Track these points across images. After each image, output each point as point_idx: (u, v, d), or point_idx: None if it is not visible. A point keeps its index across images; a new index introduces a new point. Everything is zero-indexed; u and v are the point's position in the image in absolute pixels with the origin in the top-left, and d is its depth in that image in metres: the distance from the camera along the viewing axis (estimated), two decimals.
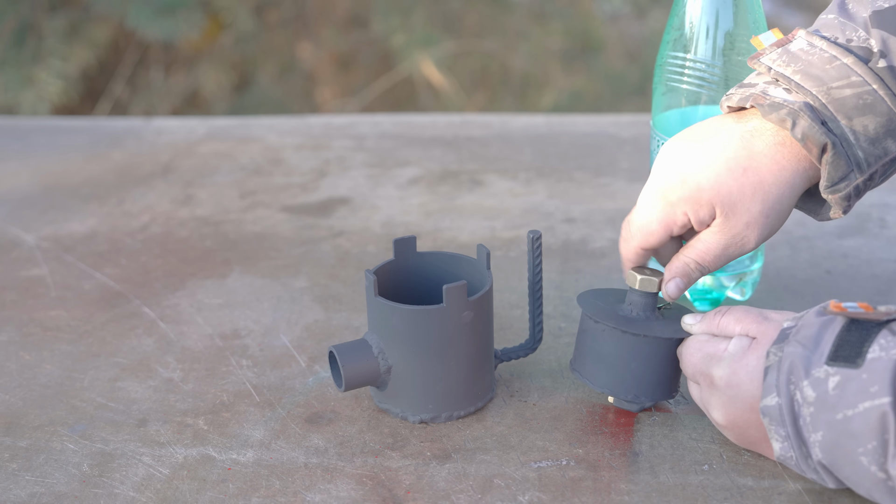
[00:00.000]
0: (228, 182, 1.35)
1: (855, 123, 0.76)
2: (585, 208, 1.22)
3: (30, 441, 0.84)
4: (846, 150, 0.76)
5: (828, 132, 0.75)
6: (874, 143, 0.76)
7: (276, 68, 2.96)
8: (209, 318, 1.01)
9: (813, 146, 0.76)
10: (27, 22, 2.43)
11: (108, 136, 1.54)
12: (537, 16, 2.92)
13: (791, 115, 0.76)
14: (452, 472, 0.78)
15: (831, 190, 0.77)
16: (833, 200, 0.78)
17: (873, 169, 0.78)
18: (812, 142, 0.75)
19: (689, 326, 0.80)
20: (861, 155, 0.77)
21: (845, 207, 0.79)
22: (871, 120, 0.76)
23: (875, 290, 1.01)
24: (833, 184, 0.77)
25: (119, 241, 1.19)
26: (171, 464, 0.81)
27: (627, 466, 0.78)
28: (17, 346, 0.98)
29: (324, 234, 1.19)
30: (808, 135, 0.75)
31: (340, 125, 1.55)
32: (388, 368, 0.83)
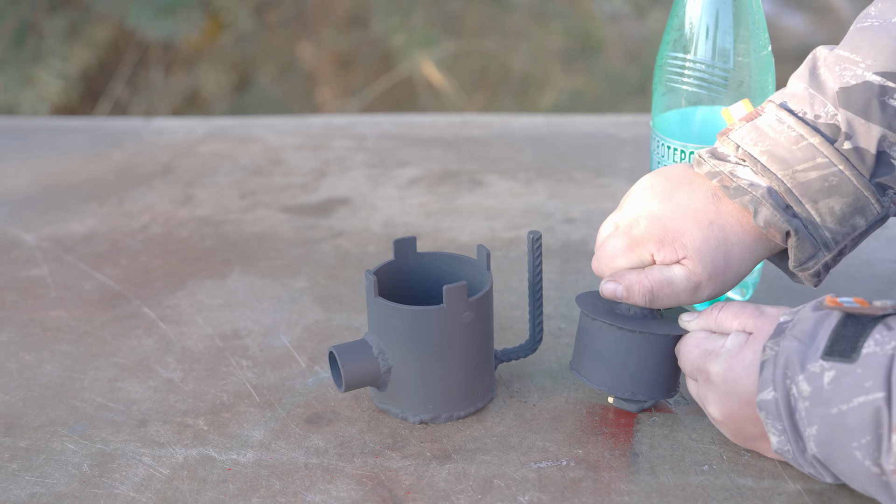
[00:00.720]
0: (228, 182, 1.35)
1: (821, 206, 0.76)
2: (585, 209, 1.22)
3: (30, 441, 0.84)
4: (811, 233, 0.77)
5: (791, 218, 0.76)
6: (841, 222, 0.77)
7: (276, 68, 2.96)
8: (209, 319, 1.01)
9: (776, 233, 0.77)
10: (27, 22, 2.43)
11: (108, 136, 1.54)
12: (537, 16, 2.92)
13: (753, 204, 0.76)
14: (452, 472, 0.78)
15: (800, 269, 0.79)
16: (804, 278, 0.80)
17: (842, 245, 0.79)
18: (775, 229, 0.77)
19: (686, 323, 0.80)
20: (828, 235, 0.77)
21: (816, 283, 0.80)
22: (837, 201, 0.76)
23: (875, 290, 1.01)
24: (801, 263, 0.78)
25: (119, 241, 1.19)
26: (172, 464, 0.81)
27: (627, 467, 0.78)
28: (17, 346, 0.98)
29: (324, 235, 1.19)
30: (771, 222, 0.76)
31: (340, 125, 1.55)
32: (388, 369, 0.83)
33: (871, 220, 0.78)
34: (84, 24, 2.59)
